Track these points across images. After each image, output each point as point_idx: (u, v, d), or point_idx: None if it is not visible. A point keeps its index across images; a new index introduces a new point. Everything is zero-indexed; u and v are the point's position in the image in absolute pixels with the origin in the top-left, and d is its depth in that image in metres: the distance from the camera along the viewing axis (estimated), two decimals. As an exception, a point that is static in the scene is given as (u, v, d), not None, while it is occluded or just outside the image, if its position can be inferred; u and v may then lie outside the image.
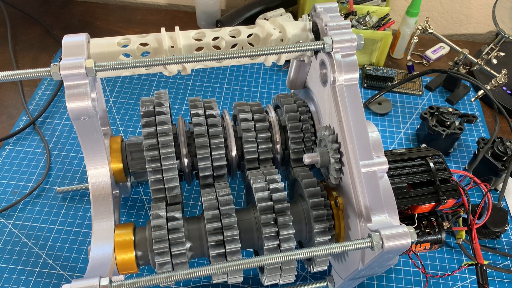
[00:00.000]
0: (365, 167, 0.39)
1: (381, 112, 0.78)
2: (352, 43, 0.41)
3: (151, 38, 0.40)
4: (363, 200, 0.39)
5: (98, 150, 0.41)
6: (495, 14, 0.75)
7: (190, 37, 0.41)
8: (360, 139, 0.40)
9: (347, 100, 0.40)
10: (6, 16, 0.91)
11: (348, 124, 0.40)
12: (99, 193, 0.41)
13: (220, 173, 0.46)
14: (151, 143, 0.43)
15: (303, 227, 0.45)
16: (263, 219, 0.41)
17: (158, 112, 0.44)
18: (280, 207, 0.41)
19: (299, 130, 0.49)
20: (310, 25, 0.45)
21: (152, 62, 0.37)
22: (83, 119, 0.37)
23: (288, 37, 0.44)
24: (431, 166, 0.50)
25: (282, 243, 0.41)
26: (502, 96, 0.81)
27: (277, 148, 0.49)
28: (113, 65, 0.36)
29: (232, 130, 0.48)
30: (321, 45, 0.40)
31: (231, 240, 0.40)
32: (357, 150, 0.39)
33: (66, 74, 0.36)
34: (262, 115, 0.49)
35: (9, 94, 0.80)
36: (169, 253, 0.40)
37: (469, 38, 1.03)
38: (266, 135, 0.48)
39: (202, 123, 0.46)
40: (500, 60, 0.78)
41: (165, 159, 0.43)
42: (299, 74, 0.52)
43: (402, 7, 0.97)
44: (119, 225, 0.42)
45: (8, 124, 0.75)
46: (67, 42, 0.39)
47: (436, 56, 0.90)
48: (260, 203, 0.41)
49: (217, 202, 0.42)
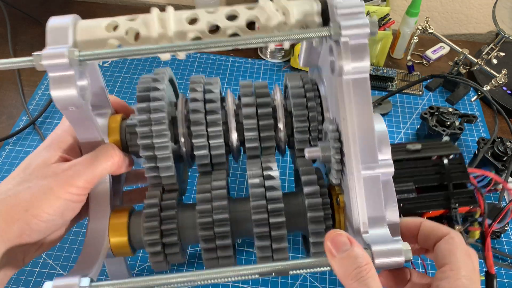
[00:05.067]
0: (367, 170, 0.35)
1: (381, 112, 0.78)
2: (364, 30, 0.35)
3: (139, 23, 0.37)
4: (361, 208, 0.35)
5: (91, 136, 0.39)
6: (495, 14, 0.75)
7: (182, 20, 0.38)
8: (365, 140, 0.35)
9: (353, 96, 0.35)
10: (6, 16, 0.91)
11: (352, 124, 0.36)
12: None
13: (219, 160, 0.43)
14: (143, 119, 0.41)
15: (301, 219, 0.42)
16: (254, 206, 0.39)
17: (153, 87, 0.42)
18: (272, 195, 0.39)
19: (305, 118, 0.44)
20: (319, 7, 0.39)
21: (140, 51, 0.34)
22: (70, 109, 0.35)
23: (292, 22, 0.39)
24: (445, 167, 0.43)
25: (272, 230, 0.39)
26: (502, 96, 0.81)
27: (281, 136, 0.45)
28: (98, 54, 0.34)
29: (232, 114, 0.44)
30: (328, 32, 0.35)
31: (222, 236, 0.39)
32: (360, 153, 0.35)
33: (49, 64, 0.33)
34: (266, 99, 0.45)
35: (9, 94, 0.80)
36: (161, 244, 0.39)
37: (469, 38, 1.03)
38: (268, 122, 0.44)
39: (200, 99, 0.43)
40: (500, 60, 0.77)
41: (157, 137, 0.40)
42: (310, 54, 0.47)
43: (402, 7, 0.97)
44: (117, 208, 0.42)
45: (8, 124, 0.75)
46: (52, 26, 0.36)
47: (436, 56, 0.90)
48: (252, 189, 0.40)
49: (210, 196, 0.40)
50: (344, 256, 0.30)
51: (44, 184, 0.35)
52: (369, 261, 0.30)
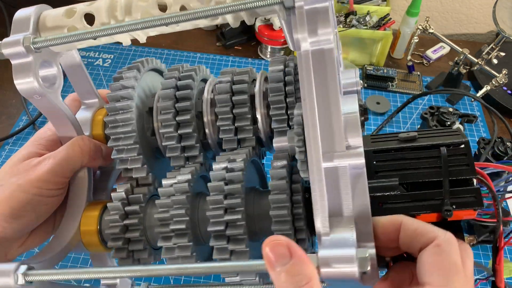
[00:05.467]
0: (329, 161, 0.29)
1: (380, 111, 0.78)
2: None
3: (94, 7, 0.35)
4: (321, 206, 0.29)
5: (66, 128, 0.39)
6: (495, 14, 0.75)
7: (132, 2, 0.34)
8: (328, 125, 0.29)
9: (314, 72, 0.29)
10: (6, 16, 0.91)
11: (312, 105, 0.29)
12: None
13: (192, 153, 0.40)
14: (111, 107, 0.39)
15: (269, 221, 0.35)
16: (210, 201, 0.35)
17: (126, 77, 0.40)
18: (230, 189, 0.35)
19: (282, 105, 0.38)
20: None
21: (92, 33, 0.32)
22: (36, 97, 0.35)
23: None
24: (442, 158, 0.33)
25: (228, 229, 0.34)
26: (502, 96, 0.81)
27: (260, 127, 0.40)
28: (51, 40, 0.33)
29: (207, 102, 0.41)
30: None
31: (180, 234, 0.36)
32: (320, 141, 0.29)
33: (8, 53, 0.34)
34: (242, 86, 0.40)
35: (8, 94, 0.80)
36: (123, 239, 0.38)
37: (469, 38, 1.03)
38: (242, 110, 0.39)
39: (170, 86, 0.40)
40: (500, 60, 0.77)
41: (123, 126, 0.39)
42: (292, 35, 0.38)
43: (402, 7, 0.97)
44: (93, 202, 0.41)
45: (8, 124, 0.75)
46: (16, 17, 0.36)
47: (436, 56, 0.90)
48: (211, 182, 0.36)
49: (172, 190, 0.37)
50: (283, 270, 0.25)
51: (13, 181, 0.35)
52: (312, 278, 0.25)
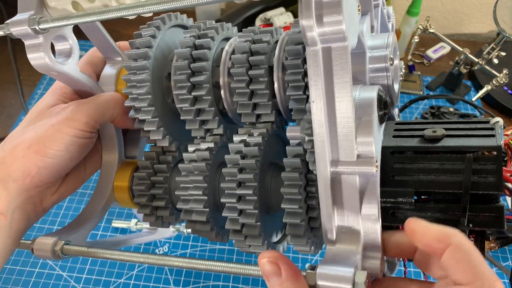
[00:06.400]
0: (336, 168, 0.27)
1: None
2: None
3: None
4: (326, 214, 0.28)
5: (87, 95, 0.39)
6: (496, 14, 0.75)
7: None
8: (338, 131, 0.27)
9: (324, 71, 0.25)
10: (5, 16, 0.90)
11: (320, 109, 0.26)
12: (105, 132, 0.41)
13: (208, 117, 0.38)
14: (128, 66, 0.38)
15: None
16: (225, 173, 0.35)
17: (145, 35, 0.40)
18: (245, 163, 0.34)
19: (302, 70, 0.33)
20: None
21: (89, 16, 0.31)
22: (53, 73, 0.35)
23: None
24: (465, 168, 0.27)
25: (240, 203, 0.34)
26: (503, 96, 0.81)
27: (279, 102, 0.36)
28: (56, 20, 0.33)
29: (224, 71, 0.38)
30: None
31: (197, 200, 0.37)
32: (328, 147, 0.27)
33: (18, 33, 0.33)
34: (260, 58, 0.35)
35: (8, 93, 0.80)
36: (150, 207, 0.39)
37: (470, 37, 1.02)
38: (260, 86, 0.35)
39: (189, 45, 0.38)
40: (501, 60, 0.77)
41: (139, 87, 0.38)
42: None
43: (402, 7, 0.97)
44: (127, 161, 0.43)
45: (7, 124, 0.74)
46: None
47: (437, 55, 0.90)
48: (230, 154, 0.35)
49: (195, 156, 0.38)
50: (276, 284, 0.26)
51: (46, 122, 0.35)
52: None
